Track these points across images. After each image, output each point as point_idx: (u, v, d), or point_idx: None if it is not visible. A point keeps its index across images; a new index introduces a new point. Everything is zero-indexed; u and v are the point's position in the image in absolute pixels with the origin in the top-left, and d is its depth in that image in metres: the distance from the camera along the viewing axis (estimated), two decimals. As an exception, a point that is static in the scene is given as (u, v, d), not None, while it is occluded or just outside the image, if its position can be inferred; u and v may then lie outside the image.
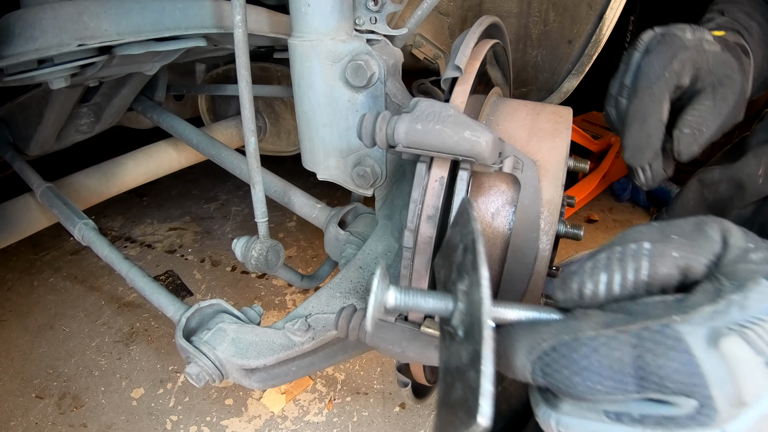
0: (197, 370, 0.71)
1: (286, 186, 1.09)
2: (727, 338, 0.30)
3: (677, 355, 0.30)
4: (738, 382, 0.30)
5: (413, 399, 0.83)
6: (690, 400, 0.30)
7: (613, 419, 0.33)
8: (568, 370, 0.33)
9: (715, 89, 0.62)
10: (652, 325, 0.31)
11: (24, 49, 0.69)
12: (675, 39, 0.61)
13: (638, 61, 0.63)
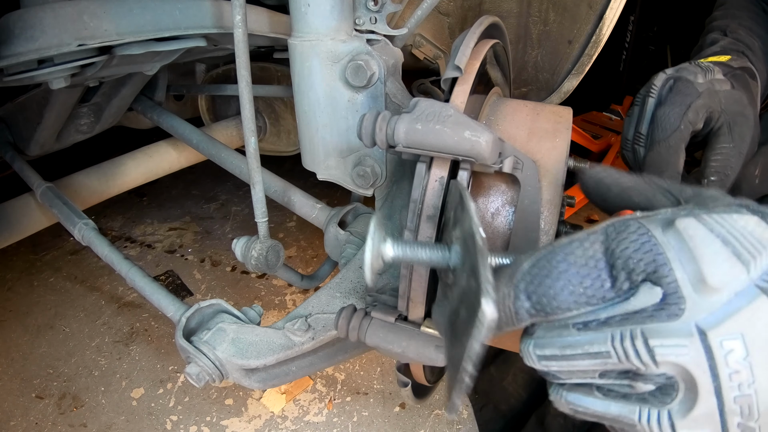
0: (197, 370, 0.71)
1: (286, 186, 1.09)
2: (682, 219, 0.31)
3: (639, 237, 0.32)
4: (697, 259, 0.29)
5: (413, 399, 0.83)
6: (655, 288, 0.30)
7: (581, 328, 0.33)
8: (549, 278, 0.33)
9: (731, 129, 0.63)
10: (617, 223, 0.33)
11: (24, 49, 0.69)
12: (688, 86, 0.63)
13: (653, 109, 0.64)
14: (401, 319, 0.62)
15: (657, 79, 0.66)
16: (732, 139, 0.63)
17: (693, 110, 0.61)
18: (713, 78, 0.64)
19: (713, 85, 0.64)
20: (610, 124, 2.39)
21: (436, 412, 1.27)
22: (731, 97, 0.64)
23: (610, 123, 2.40)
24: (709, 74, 0.65)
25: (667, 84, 0.64)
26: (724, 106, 0.63)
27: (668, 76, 0.65)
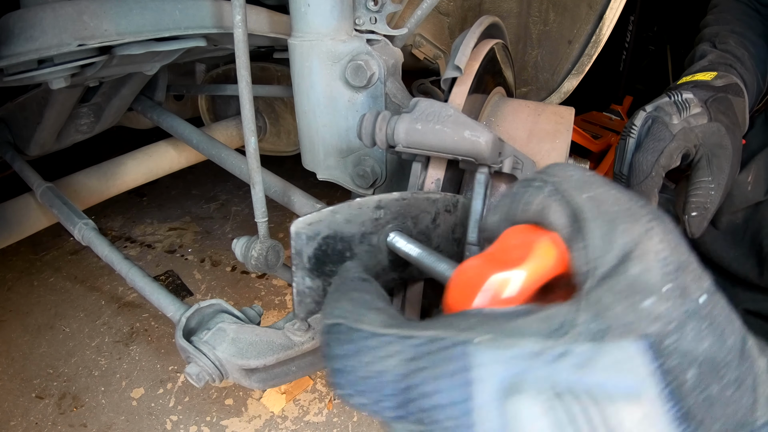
0: (197, 370, 0.71)
1: (286, 186, 1.09)
2: (525, 399, 0.20)
3: (453, 389, 0.22)
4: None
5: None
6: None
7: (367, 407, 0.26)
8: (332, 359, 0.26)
9: (710, 161, 0.67)
10: (445, 339, 0.23)
11: (24, 49, 0.69)
12: (662, 130, 0.66)
13: (631, 152, 0.69)
14: (401, 319, 0.62)
15: (637, 119, 0.70)
16: (711, 173, 0.67)
17: (666, 155, 0.65)
18: (689, 115, 0.67)
19: (689, 122, 0.67)
20: (610, 124, 2.39)
21: (436, 412, 1.27)
22: (708, 131, 0.67)
23: (610, 123, 2.40)
24: (684, 112, 0.68)
25: (646, 125, 0.68)
26: (702, 140, 0.67)
27: (647, 115, 0.69)
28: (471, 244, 0.53)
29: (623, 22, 2.46)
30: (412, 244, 0.44)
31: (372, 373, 0.24)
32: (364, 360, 0.24)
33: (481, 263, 0.27)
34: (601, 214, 0.25)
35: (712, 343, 0.22)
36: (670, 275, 0.23)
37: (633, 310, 0.22)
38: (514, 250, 0.26)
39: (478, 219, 0.53)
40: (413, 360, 0.23)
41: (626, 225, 0.24)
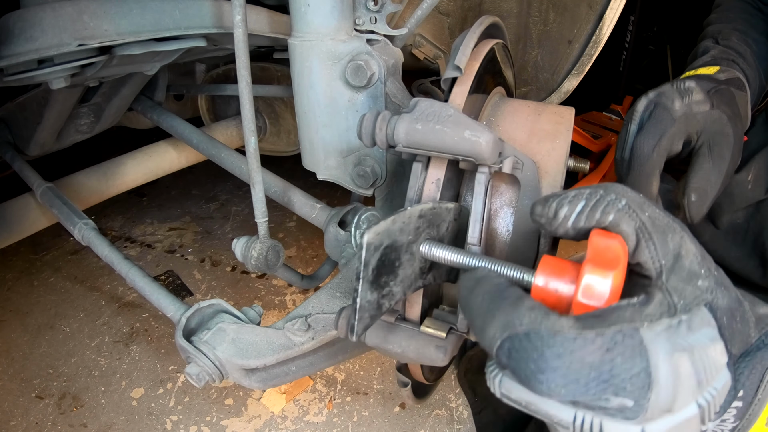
0: (197, 370, 0.71)
1: (286, 186, 1.09)
2: (681, 355, 0.33)
3: (639, 361, 0.32)
4: (676, 394, 0.33)
5: (413, 399, 0.83)
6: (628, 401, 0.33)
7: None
8: (535, 364, 0.33)
9: (711, 148, 0.67)
10: (625, 329, 0.33)
11: (24, 49, 0.69)
12: (664, 114, 0.66)
13: (633, 136, 0.68)
14: (401, 319, 0.62)
15: (639, 104, 0.69)
16: (711, 159, 0.66)
17: (667, 138, 0.65)
18: (691, 101, 0.67)
19: (691, 108, 0.66)
20: (610, 124, 2.39)
21: (436, 412, 1.27)
22: (710, 118, 0.67)
23: (610, 123, 2.39)
24: (687, 97, 0.67)
25: (648, 110, 0.67)
26: (703, 126, 0.66)
27: (649, 101, 0.68)
28: (472, 244, 0.53)
29: (623, 22, 2.46)
30: (461, 254, 0.47)
31: (584, 366, 0.32)
32: (574, 358, 0.32)
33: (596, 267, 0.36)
34: (657, 228, 0.37)
35: (728, 298, 0.38)
36: (702, 263, 0.38)
37: (696, 289, 0.36)
38: (608, 252, 0.36)
39: (478, 219, 0.53)
40: (609, 350, 0.32)
41: (671, 234, 0.38)
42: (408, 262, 0.48)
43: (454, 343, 0.59)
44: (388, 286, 0.46)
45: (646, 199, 0.39)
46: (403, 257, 0.47)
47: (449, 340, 0.58)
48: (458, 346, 0.62)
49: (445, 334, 0.57)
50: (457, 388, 1.32)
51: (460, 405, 1.29)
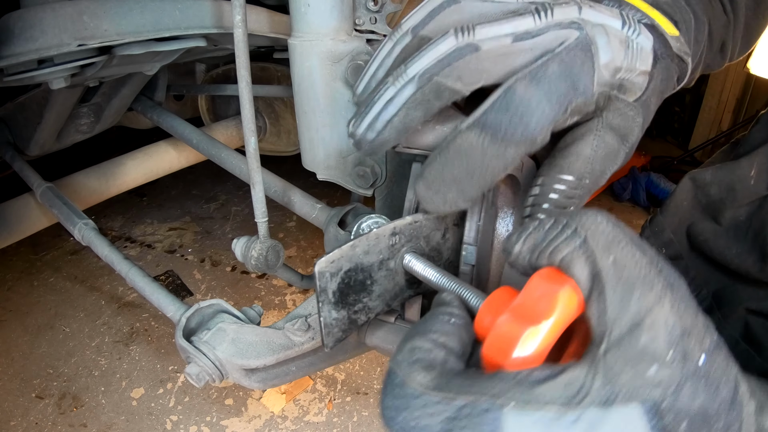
0: (197, 370, 0.71)
1: (286, 186, 1.09)
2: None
3: None
4: None
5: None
6: None
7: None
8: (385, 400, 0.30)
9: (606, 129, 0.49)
10: (481, 404, 0.27)
11: (24, 49, 0.69)
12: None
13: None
14: (401, 319, 0.62)
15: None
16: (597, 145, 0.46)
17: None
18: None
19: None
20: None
21: (436, 412, 1.27)
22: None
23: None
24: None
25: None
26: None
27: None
28: (467, 244, 0.53)
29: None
30: (430, 269, 0.45)
31: (418, 427, 0.27)
32: (412, 415, 0.28)
33: (513, 319, 0.30)
34: (621, 280, 0.28)
35: (706, 398, 0.26)
36: (675, 342, 0.26)
37: (639, 377, 0.25)
38: (541, 302, 0.29)
39: (475, 219, 0.53)
40: (454, 420, 0.27)
41: (641, 292, 0.27)
42: (386, 278, 0.47)
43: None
44: (361, 302, 0.47)
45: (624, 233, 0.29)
46: (376, 275, 0.46)
47: (449, 339, 0.58)
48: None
49: (445, 334, 0.57)
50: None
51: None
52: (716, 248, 0.82)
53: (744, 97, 2.51)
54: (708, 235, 0.83)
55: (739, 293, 0.80)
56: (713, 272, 0.83)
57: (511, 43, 0.37)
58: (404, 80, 0.39)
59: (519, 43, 0.37)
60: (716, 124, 2.62)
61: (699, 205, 0.83)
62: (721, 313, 0.79)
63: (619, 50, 0.39)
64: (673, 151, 2.67)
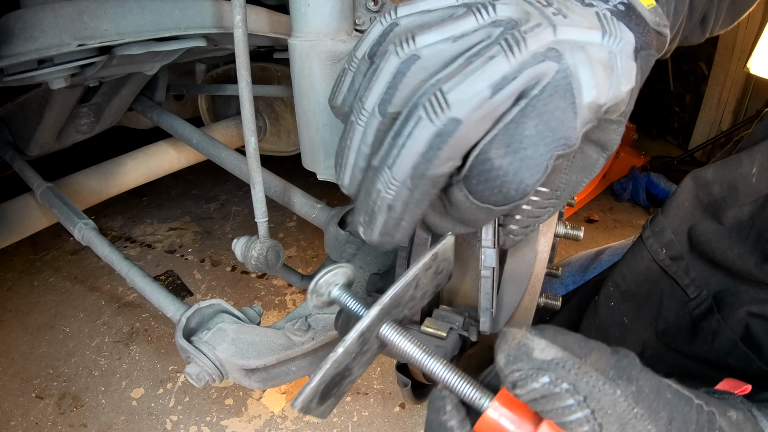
0: (197, 370, 0.71)
1: (286, 186, 1.09)
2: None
3: None
4: None
5: (413, 399, 0.83)
6: None
7: None
8: None
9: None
10: None
11: (24, 49, 0.69)
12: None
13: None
14: (401, 319, 0.62)
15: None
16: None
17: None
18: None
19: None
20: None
21: (436, 412, 1.27)
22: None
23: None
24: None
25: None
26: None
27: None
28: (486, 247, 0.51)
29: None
30: (415, 349, 0.40)
31: None
32: None
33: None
34: None
35: None
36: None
37: None
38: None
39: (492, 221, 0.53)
40: None
41: None
42: (367, 353, 0.43)
43: (454, 343, 0.59)
44: (342, 384, 0.42)
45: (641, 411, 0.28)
46: (357, 360, 0.42)
47: (449, 339, 0.58)
48: (458, 346, 0.62)
49: (445, 334, 0.57)
50: (457, 388, 1.32)
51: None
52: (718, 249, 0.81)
53: (744, 97, 2.51)
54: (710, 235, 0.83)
55: (740, 295, 0.80)
56: (714, 273, 0.83)
57: (491, 97, 0.33)
58: (395, 185, 0.36)
59: (498, 95, 0.33)
60: (716, 124, 2.63)
61: (701, 205, 0.83)
62: (721, 315, 0.79)
63: (603, 82, 0.35)
64: (673, 151, 2.67)
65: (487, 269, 0.50)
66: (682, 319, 0.84)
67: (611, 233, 2.11)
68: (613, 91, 0.35)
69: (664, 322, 0.85)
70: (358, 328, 0.37)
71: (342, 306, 0.43)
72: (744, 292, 0.80)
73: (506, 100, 0.33)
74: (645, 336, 0.86)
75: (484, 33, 0.35)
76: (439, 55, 0.35)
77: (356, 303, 0.43)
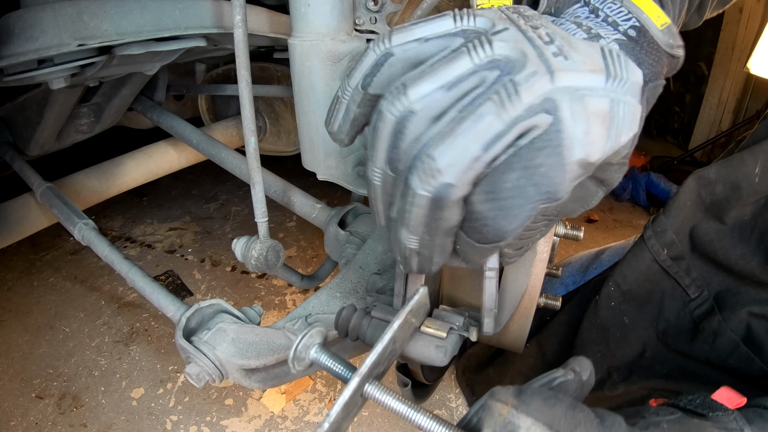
0: (197, 370, 0.71)
1: (286, 186, 1.09)
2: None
3: None
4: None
5: (413, 399, 0.83)
6: None
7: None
8: None
9: None
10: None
11: (24, 49, 0.69)
12: None
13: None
14: (401, 319, 0.62)
15: None
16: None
17: None
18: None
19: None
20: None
21: (436, 412, 1.27)
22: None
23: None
24: None
25: None
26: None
27: None
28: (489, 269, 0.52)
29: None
30: (403, 408, 0.42)
31: None
32: None
33: None
34: None
35: None
36: None
37: None
38: None
39: None
40: None
41: None
42: (352, 410, 0.44)
43: (454, 343, 0.59)
44: None
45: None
46: (344, 421, 0.43)
47: (449, 340, 0.58)
48: (458, 346, 0.62)
49: (445, 334, 0.57)
50: (457, 388, 1.32)
51: (460, 405, 1.29)
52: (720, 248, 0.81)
53: (744, 97, 2.51)
54: (712, 235, 0.82)
55: (742, 295, 0.79)
56: (715, 273, 0.83)
57: (482, 156, 0.32)
58: (415, 239, 0.37)
59: (489, 152, 0.32)
60: (716, 124, 2.62)
61: (703, 205, 0.83)
62: (722, 316, 0.79)
63: (599, 139, 0.32)
64: (673, 151, 2.67)
65: (491, 270, 0.50)
66: (682, 320, 0.84)
67: (611, 233, 2.11)
68: (610, 145, 0.33)
69: (665, 322, 0.85)
70: (340, 402, 0.38)
71: (322, 367, 0.45)
72: (745, 293, 0.80)
73: (498, 153, 0.32)
74: (645, 336, 0.86)
75: (479, 78, 0.33)
76: (434, 106, 0.34)
77: (335, 363, 0.45)
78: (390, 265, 0.81)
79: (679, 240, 0.84)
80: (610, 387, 0.86)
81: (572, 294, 1.01)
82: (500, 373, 1.16)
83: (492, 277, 0.50)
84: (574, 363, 0.40)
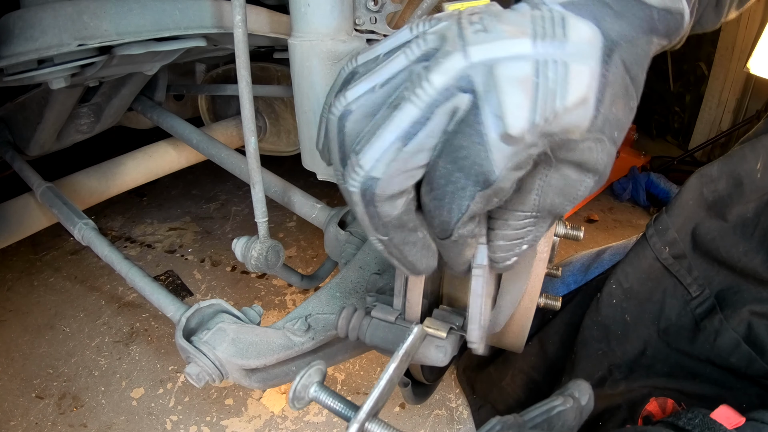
0: (197, 370, 0.71)
1: (286, 186, 1.09)
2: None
3: None
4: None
5: (413, 399, 0.83)
6: None
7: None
8: None
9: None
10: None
11: (24, 49, 0.69)
12: None
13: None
14: (402, 319, 0.62)
15: None
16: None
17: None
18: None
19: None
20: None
21: (436, 412, 1.27)
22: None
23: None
24: None
25: None
26: None
27: None
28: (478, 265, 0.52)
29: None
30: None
31: None
32: None
33: None
34: None
35: None
36: None
37: None
38: None
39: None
40: None
41: None
42: None
43: (454, 343, 0.59)
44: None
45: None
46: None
47: (449, 340, 0.58)
48: (458, 346, 0.62)
49: (445, 334, 0.57)
50: (457, 388, 1.32)
51: (460, 405, 1.29)
52: (723, 246, 0.81)
53: (744, 97, 2.51)
54: (714, 233, 0.82)
55: (743, 294, 0.79)
56: (717, 272, 0.83)
57: (405, 147, 0.31)
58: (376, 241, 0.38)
59: (412, 142, 0.31)
60: (716, 124, 2.62)
61: (705, 203, 0.83)
62: (724, 315, 0.79)
63: (517, 108, 0.29)
64: (673, 151, 2.67)
65: (478, 268, 0.44)
66: (684, 318, 0.84)
67: (611, 233, 2.11)
68: (540, 112, 0.29)
69: (666, 321, 0.85)
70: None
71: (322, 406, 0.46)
72: (747, 291, 0.79)
73: (427, 141, 0.31)
74: (646, 334, 0.86)
75: (408, 72, 0.33)
76: (368, 104, 0.34)
77: (335, 402, 0.46)
78: (390, 265, 0.81)
79: (681, 238, 0.84)
80: (611, 385, 0.86)
81: (574, 293, 1.01)
82: (501, 372, 1.16)
83: (479, 275, 0.44)
84: (573, 388, 0.40)
